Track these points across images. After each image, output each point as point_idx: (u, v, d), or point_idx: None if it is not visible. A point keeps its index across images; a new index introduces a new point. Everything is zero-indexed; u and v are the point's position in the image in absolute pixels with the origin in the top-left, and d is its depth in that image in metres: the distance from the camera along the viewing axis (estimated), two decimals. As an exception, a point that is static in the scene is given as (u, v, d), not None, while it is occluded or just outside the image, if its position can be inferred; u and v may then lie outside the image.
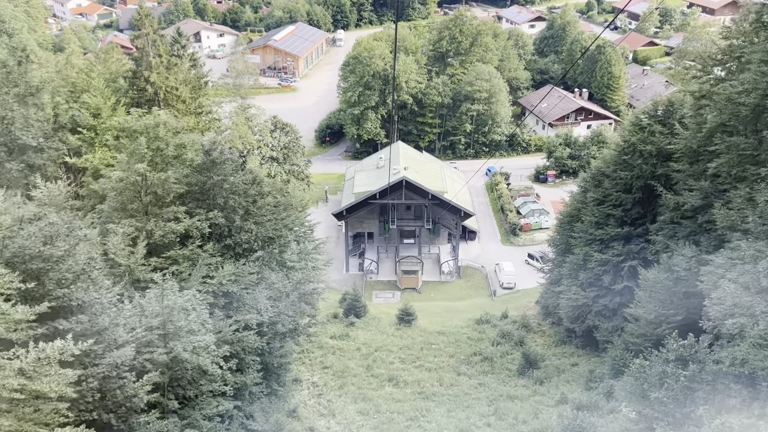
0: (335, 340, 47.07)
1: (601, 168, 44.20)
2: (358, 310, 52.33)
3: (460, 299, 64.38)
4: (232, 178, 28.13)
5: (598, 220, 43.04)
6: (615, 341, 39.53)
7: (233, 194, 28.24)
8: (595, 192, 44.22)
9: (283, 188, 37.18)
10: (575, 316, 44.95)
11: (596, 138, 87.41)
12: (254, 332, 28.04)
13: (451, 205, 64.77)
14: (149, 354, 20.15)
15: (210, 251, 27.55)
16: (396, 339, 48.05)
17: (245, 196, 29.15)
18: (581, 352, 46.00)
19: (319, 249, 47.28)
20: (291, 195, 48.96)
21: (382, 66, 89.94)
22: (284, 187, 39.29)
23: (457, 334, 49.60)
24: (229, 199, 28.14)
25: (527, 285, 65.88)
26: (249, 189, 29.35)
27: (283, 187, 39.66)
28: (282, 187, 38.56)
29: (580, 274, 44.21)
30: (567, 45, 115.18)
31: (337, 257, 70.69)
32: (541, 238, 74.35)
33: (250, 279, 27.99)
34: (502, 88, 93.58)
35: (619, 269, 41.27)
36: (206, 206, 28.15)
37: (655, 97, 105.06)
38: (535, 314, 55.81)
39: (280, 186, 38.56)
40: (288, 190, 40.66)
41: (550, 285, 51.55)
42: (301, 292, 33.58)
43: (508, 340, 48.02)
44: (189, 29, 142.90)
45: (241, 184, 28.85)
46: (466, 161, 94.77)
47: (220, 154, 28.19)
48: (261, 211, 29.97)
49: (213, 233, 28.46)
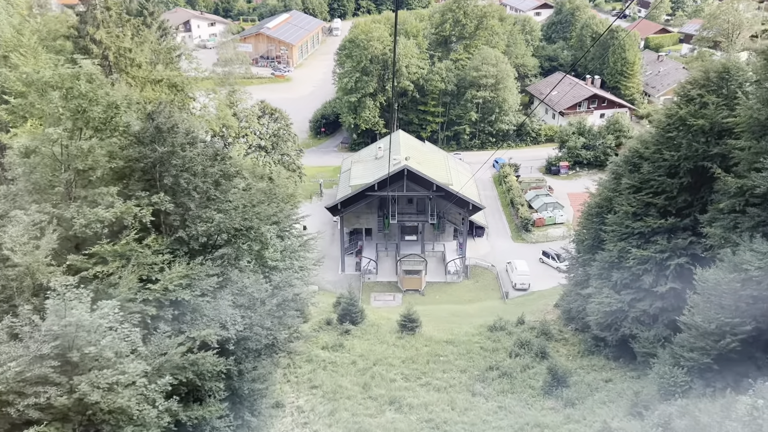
0: (327, 351, 40.54)
1: (639, 149, 37.66)
2: (354, 316, 45.75)
3: (469, 302, 57.88)
4: (185, 152, 21.58)
5: (636, 210, 36.56)
6: (660, 354, 33.02)
7: (186, 172, 21.72)
8: (631, 177, 37.74)
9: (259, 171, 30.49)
10: (607, 323, 38.47)
11: (612, 126, 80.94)
12: (215, 352, 21.47)
13: (457, 198, 58.19)
14: (37, 396, 13.63)
15: (154, 246, 21.00)
16: (398, 350, 41.56)
17: (204, 176, 22.62)
18: (614, 364, 39.48)
19: (309, 246, 40.78)
20: (276, 184, 42.49)
21: (381, 49, 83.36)
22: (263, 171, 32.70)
23: (468, 344, 43.09)
24: (181, 178, 21.62)
25: (542, 286, 59.51)
26: (209, 167, 22.80)
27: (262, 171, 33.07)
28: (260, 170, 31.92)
29: (614, 274, 37.70)
30: (576, 30, 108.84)
31: (332, 256, 64.32)
32: (556, 234, 68.00)
33: (210, 283, 21.47)
34: (509, 73, 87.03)
35: (662, 268, 34.81)
36: (151, 188, 21.61)
37: (673, 83, 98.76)
38: (555, 319, 49.30)
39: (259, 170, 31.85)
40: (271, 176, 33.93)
41: (574, 286, 45.02)
42: (283, 298, 26.97)
43: (528, 350, 41.52)
44: (178, 18, 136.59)
45: (197, 159, 22.31)
46: (471, 152, 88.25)
47: (168, 119, 21.64)
48: (226, 196, 23.38)
49: (160, 223, 21.93)
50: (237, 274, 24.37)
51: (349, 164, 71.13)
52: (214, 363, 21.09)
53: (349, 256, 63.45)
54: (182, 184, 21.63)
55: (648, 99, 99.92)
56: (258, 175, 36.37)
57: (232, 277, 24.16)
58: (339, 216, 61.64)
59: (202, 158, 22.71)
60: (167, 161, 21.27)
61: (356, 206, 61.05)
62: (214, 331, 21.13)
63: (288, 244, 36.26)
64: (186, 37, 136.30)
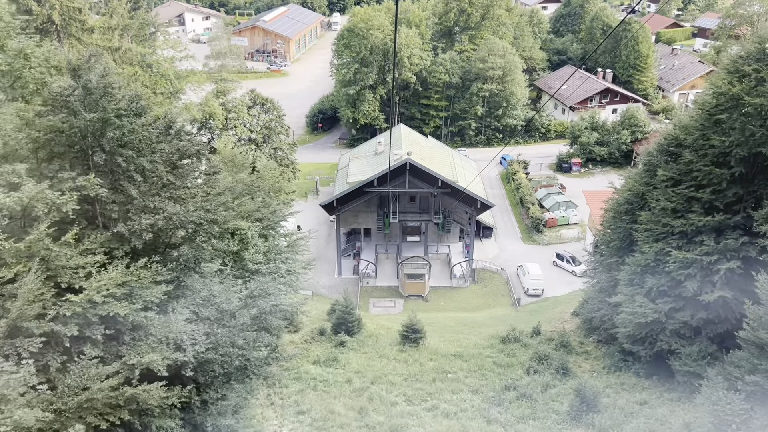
0: (319, 366, 35.51)
1: (678, 136, 32.70)
2: (350, 325, 40.71)
3: (477, 309, 52.91)
4: (123, 122, 16.60)
5: (676, 206, 31.61)
6: (709, 375, 28.02)
7: (127, 149, 16.76)
8: (669, 168, 32.80)
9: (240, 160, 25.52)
10: (641, 335, 33.47)
11: (627, 121, 75.88)
12: (165, 381, 16.46)
13: (464, 195, 53.21)
14: None
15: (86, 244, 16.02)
16: (399, 365, 36.55)
17: (152, 154, 17.65)
18: (646, 383, 34.44)
19: (298, 246, 35.80)
20: (262, 176, 37.52)
21: (382, 39, 78.40)
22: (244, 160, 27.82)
23: (479, 358, 38.11)
24: (119, 156, 16.67)
25: (557, 291, 54.63)
26: (159, 143, 17.80)
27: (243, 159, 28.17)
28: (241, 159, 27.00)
29: (648, 280, 32.70)
30: (586, 23, 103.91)
31: (328, 258, 59.44)
32: (570, 235, 63.09)
33: (157, 293, 16.49)
34: (518, 65, 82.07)
35: (709, 273, 29.86)
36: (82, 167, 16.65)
37: (688, 78, 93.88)
38: (574, 329, 44.35)
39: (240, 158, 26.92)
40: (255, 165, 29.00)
41: (598, 293, 39.98)
42: (260, 309, 21.95)
43: (547, 366, 36.53)
44: (171, 11, 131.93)
45: (142, 132, 17.32)
46: (477, 149, 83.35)
47: (102, 77, 16.68)
48: (184, 182, 18.40)
49: (96, 215, 16.99)
50: (199, 281, 19.36)
51: (347, 160, 66.17)
52: (162, 396, 16.11)
53: (346, 259, 58.54)
54: (120, 163, 16.70)
55: (662, 94, 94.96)
56: (238, 164, 31.51)
57: (194, 284, 19.16)
58: (335, 215, 56.60)
59: (150, 131, 17.73)
60: (99, 132, 16.35)
61: (354, 204, 56.06)
62: (162, 355, 16.15)
63: (273, 244, 31.22)
64: (179, 31, 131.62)
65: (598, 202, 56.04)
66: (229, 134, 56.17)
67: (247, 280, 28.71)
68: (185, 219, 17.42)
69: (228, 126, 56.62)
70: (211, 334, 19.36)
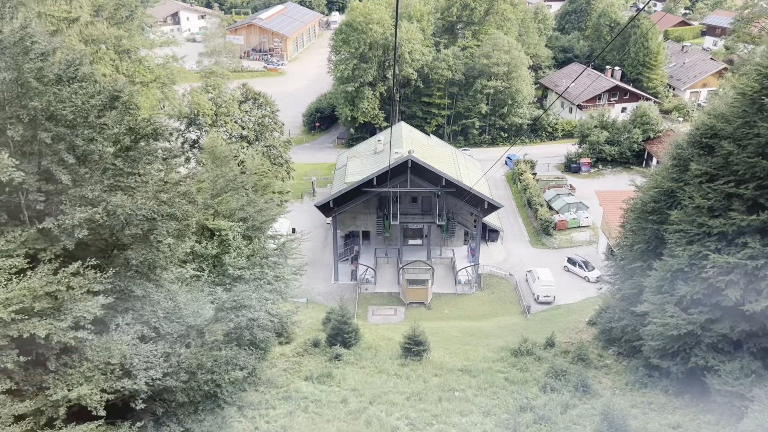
0: (311, 383, 31.87)
1: (714, 125, 29.15)
2: (346, 336, 37.08)
3: (484, 317, 49.30)
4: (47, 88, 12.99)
5: (713, 203, 28.03)
6: (757, 396, 24.41)
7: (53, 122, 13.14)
8: (702, 162, 29.29)
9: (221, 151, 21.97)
10: (672, 349, 29.86)
11: (639, 119, 72.33)
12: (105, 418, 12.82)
13: (469, 196, 49.60)
14: None
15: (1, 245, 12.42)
16: (401, 381, 32.91)
17: (92, 131, 14.05)
18: (677, 402, 30.83)
19: (288, 249, 32.20)
20: (247, 169, 33.93)
21: (382, 33, 74.93)
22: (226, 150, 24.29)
23: (489, 373, 34.49)
24: (42, 130, 13.06)
25: (569, 298, 51.07)
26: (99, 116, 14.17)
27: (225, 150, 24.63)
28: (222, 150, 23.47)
29: (680, 287, 29.09)
30: (593, 20, 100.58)
31: (324, 263, 55.88)
32: (581, 238, 59.54)
33: (92, 306, 12.89)
34: (523, 61, 78.59)
35: (754, 279, 26.20)
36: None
37: (700, 75, 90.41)
38: (591, 340, 40.74)
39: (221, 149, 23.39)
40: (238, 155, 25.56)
41: (620, 302, 36.38)
42: (236, 323, 18.28)
43: (565, 382, 32.94)
44: (166, 10, 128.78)
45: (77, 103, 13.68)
46: (481, 149, 79.83)
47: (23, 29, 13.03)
48: (135, 167, 14.81)
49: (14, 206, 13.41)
50: (161, 291, 15.77)
51: (344, 160, 62.57)
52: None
53: (343, 264, 54.94)
54: (45, 140, 13.13)
55: (673, 92, 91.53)
56: (219, 156, 27.90)
57: (152, 294, 15.56)
58: (332, 216, 52.98)
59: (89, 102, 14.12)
60: (13, 100, 12.79)
61: (352, 205, 52.47)
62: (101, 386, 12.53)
63: (259, 247, 27.62)
64: (174, 30, 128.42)
65: (612, 202, 52.51)
66: (219, 131, 52.62)
67: (228, 288, 25.14)
68: (133, 213, 13.83)
69: (218, 122, 53.07)
70: (172, 355, 15.77)
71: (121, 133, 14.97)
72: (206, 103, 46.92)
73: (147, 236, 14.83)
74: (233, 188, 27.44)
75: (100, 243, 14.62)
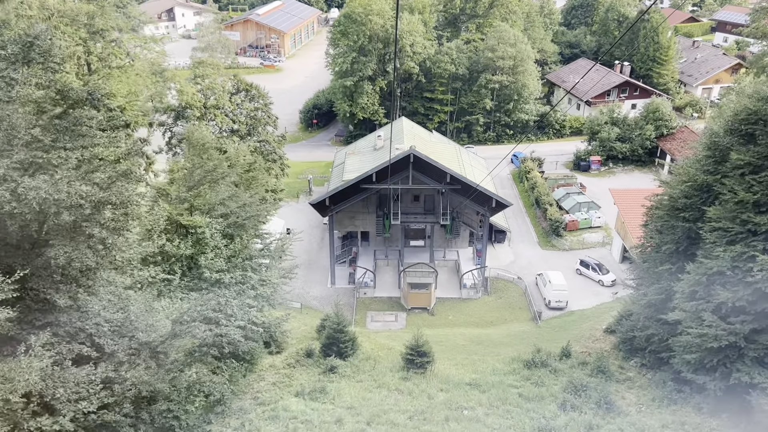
0: (303, 400, 28.49)
1: (758, 110, 25.78)
2: (342, 346, 33.65)
3: (491, 324, 45.89)
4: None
5: (760, 198, 24.65)
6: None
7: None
8: (745, 152, 25.92)
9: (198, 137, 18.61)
10: (711, 363, 26.48)
11: (651, 115, 68.99)
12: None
13: (476, 193, 46.18)
14: None
15: None
16: (403, 398, 29.51)
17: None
18: (714, 423, 27.46)
19: (275, 250, 28.77)
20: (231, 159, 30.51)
21: (382, 25, 71.63)
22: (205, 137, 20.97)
23: (500, 387, 31.06)
24: None
25: (583, 304, 47.73)
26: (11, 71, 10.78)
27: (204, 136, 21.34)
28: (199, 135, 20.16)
29: (718, 292, 25.69)
30: (600, 15, 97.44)
31: (321, 265, 52.56)
32: (594, 239, 56.21)
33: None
34: (530, 55, 75.28)
35: (810, 285, 22.82)
36: None
37: (712, 71, 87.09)
38: (609, 350, 37.31)
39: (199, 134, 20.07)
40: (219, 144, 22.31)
41: (644, 308, 32.90)
42: (202, 339, 14.86)
43: (585, 398, 29.50)
44: (161, 5, 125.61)
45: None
46: (486, 147, 76.51)
47: None
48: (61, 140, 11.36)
49: None
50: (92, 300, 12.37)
51: (342, 157, 59.21)
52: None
53: (340, 266, 51.56)
54: None
55: (684, 88, 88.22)
56: (197, 144, 24.49)
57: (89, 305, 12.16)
58: (328, 216, 49.57)
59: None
60: None
61: (350, 203, 49.06)
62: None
63: (241, 246, 24.20)
64: (169, 27, 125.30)
65: (629, 201, 49.19)
66: (208, 125, 49.26)
67: (206, 293, 21.75)
68: (50, 198, 10.45)
69: (207, 116, 49.71)
70: (116, 380, 12.37)
71: (49, 97, 11.63)
72: (195, 94, 43.55)
73: (74, 229, 11.47)
74: (212, 180, 24.13)
75: (12, 238, 11.24)
